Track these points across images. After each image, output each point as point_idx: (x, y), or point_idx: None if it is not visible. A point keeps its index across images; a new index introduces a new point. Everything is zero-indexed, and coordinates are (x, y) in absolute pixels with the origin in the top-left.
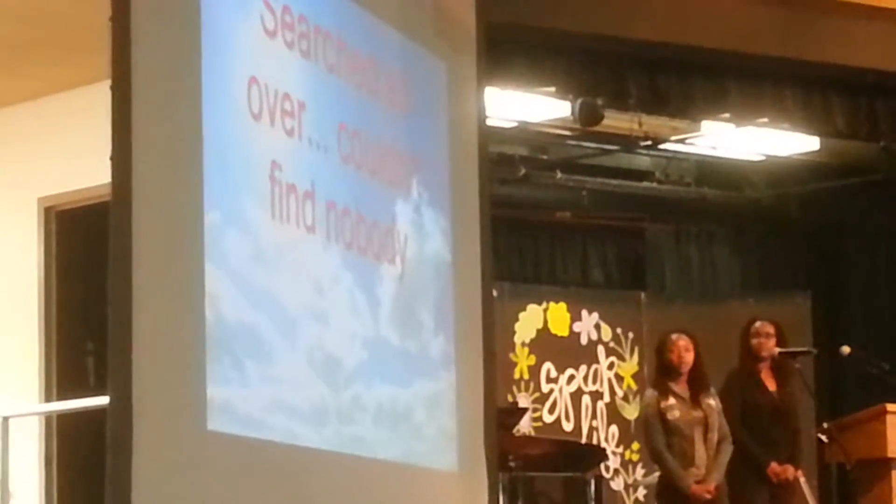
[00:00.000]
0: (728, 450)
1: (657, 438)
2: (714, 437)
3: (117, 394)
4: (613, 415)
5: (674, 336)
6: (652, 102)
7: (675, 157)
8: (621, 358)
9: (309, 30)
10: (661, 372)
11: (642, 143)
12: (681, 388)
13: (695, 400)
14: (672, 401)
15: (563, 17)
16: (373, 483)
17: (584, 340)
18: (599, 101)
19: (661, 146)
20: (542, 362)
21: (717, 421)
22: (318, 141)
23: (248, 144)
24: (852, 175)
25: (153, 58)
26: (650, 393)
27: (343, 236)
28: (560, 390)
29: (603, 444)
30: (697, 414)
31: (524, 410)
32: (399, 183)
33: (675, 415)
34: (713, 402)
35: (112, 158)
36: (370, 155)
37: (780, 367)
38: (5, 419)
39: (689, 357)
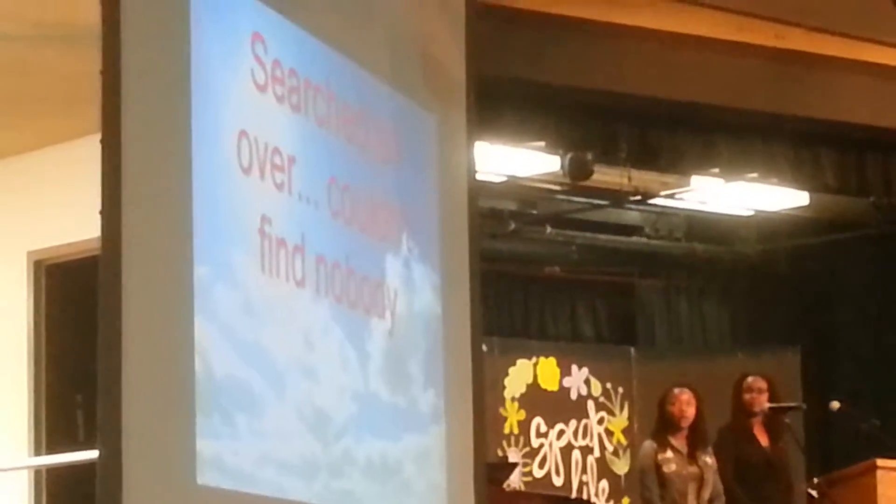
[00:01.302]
0: None
1: (651, 489)
2: (707, 494)
3: (107, 448)
4: (603, 470)
5: (676, 390)
6: (642, 157)
7: (665, 212)
8: (611, 413)
9: (299, 83)
10: (661, 424)
11: (632, 198)
12: (679, 442)
13: (692, 456)
14: (669, 454)
15: (552, 72)
16: None
17: (573, 395)
18: (589, 156)
19: (651, 201)
20: (532, 417)
21: (712, 478)
22: (307, 195)
23: (238, 198)
24: (842, 230)
25: (143, 111)
26: (648, 444)
27: (333, 290)
28: (550, 445)
29: (593, 499)
30: (693, 470)
31: (514, 465)
32: (389, 237)
33: (671, 468)
34: (710, 459)
35: (102, 212)
36: (360, 209)
37: (771, 422)
38: None
39: (691, 412)
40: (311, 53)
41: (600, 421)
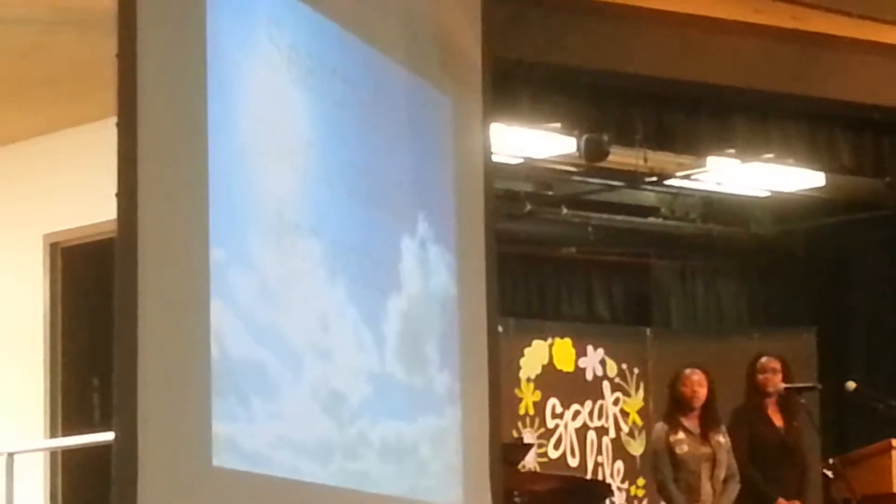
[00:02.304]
0: (735, 488)
1: (664, 472)
2: (721, 473)
3: (122, 430)
4: (619, 450)
5: (687, 371)
6: (657, 138)
7: (681, 192)
8: (627, 394)
9: (314, 67)
10: (672, 406)
11: (648, 179)
12: (691, 423)
13: (704, 436)
14: (681, 435)
15: (568, 53)
16: None
17: (589, 376)
18: (605, 137)
19: (667, 182)
20: (548, 398)
21: (726, 458)
22: (323, 178)
23: (254, 181)
24: (858, 211)
25: (159, 95)
26: (660, 426)
27: (349, 272)
28: (565, 426)
29: (608, 480)
30: (706, 450)
31: (529, 446)
32: (405, 218)
33: (683, 449)
34: (722, 438)
35: (118, 195)
36: (376, 191)
37: (786, 402)
38: (10, 455)
39: (702, 392)
40: (326, 37)
41: (616, 402)
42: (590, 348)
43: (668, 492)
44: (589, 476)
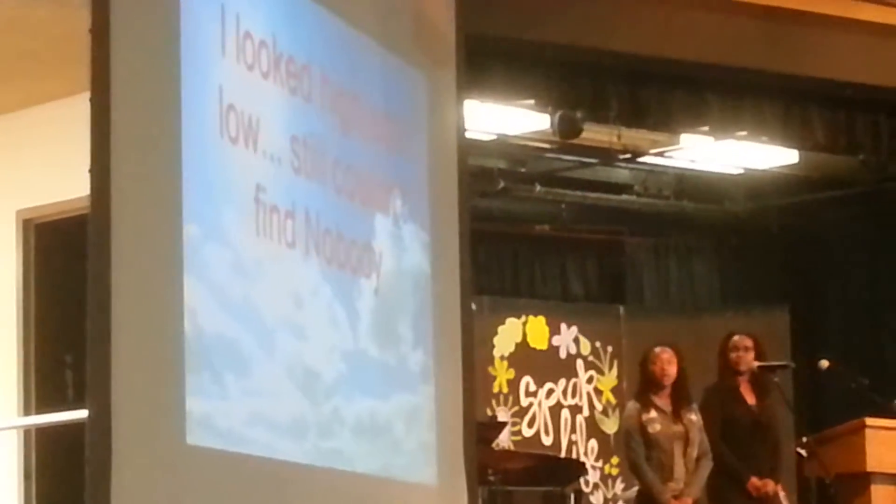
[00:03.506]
0: (707, 465)
1: (637, 451)
2: (694, 451)
3: (96, 407)
4: (593, 429)
5: (657, 349)
6: (631, 115)
7: (655, 170)
8: (600, 372)
9: (288, 46)
10: (643, 384)
11: (621, 157)
12: (663, 401)
13: (676, 414)
14: (653, 414)
15: (542, 30)
16: (351, 497)
17: (563, 354)
18: (578, 114)
19: (641, 159)
20: (521, 376)
21: (698, 436)
22: (298, 156)
23: (227, 160)
24: (831, 188)
25: (132, 70)
26: (632, 405)
27: (322, 250)
28: (539, 404)
29: (582, 459)
30: (678, 428)
31: (503, 424)
32: (379, 196)
33: (655, 428)
34: (694, 416)
35: (91, 171)
36: (350, 168)
37: (758, 380)
38: None
39: (673, 370)
40: (300, 13)
41: (589, 380)
42: (563, 326)
43: (641, 470)
44: (563, 454)
